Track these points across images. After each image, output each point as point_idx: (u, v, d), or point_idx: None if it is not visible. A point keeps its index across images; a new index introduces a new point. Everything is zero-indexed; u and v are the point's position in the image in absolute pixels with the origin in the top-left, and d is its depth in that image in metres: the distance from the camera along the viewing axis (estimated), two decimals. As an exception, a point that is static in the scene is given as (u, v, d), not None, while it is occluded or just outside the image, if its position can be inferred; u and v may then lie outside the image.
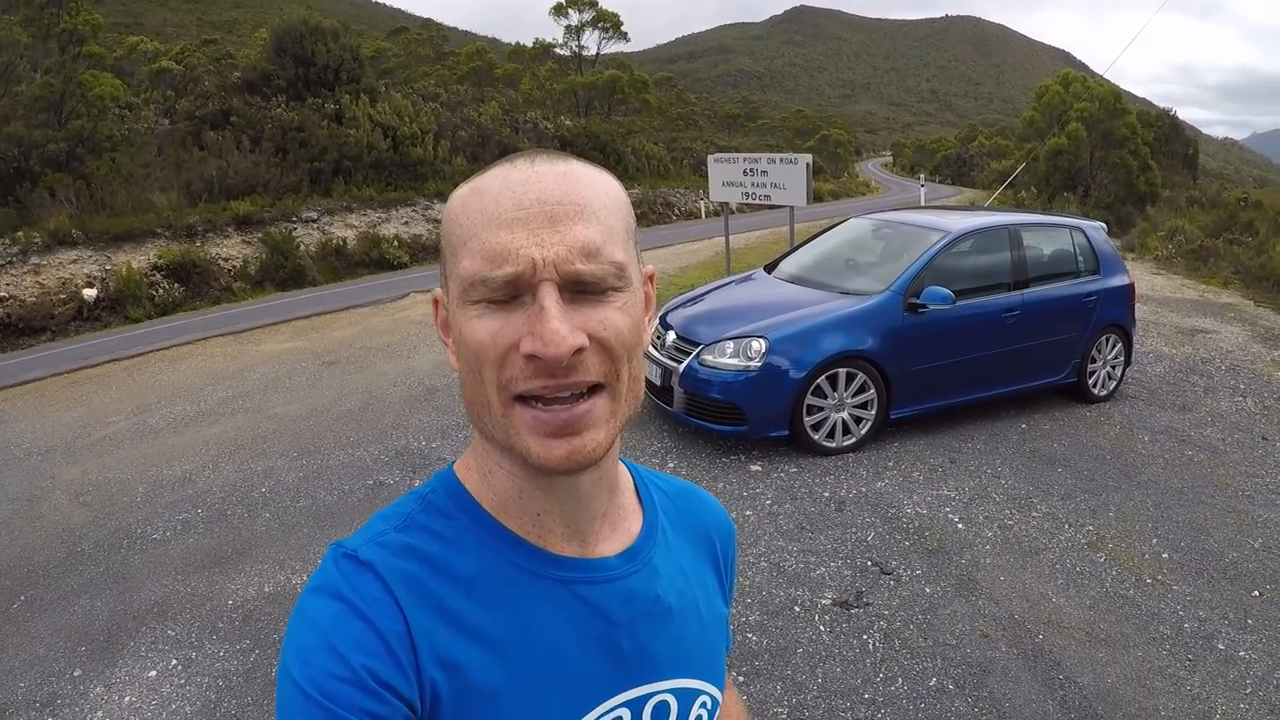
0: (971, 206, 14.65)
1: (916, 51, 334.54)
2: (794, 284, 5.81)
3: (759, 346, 4.87)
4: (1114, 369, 6.14)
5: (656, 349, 5.31)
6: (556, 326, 0.57)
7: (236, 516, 4.51)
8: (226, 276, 14.18)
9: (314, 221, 16.47)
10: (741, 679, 2.95)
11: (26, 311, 11.95)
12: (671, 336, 5.29)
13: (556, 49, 43.43)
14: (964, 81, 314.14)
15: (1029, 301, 5.60)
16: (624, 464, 0.79)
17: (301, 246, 15.27)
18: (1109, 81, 29.62)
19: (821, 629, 3.27)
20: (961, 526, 4.15)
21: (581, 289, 0.60)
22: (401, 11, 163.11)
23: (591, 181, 0.63)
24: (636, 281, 0.65)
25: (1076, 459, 5.03)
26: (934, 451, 5.13)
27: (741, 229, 18.07)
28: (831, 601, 3.46)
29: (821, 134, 63.50)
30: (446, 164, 20.02)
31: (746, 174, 8.81)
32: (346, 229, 16.81)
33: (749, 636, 3.21)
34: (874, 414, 5.09)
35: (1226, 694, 2.89)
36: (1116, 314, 6.05)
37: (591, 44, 42.31)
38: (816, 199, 22.77)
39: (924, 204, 19.04)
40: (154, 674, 3.14)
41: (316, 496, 4.71)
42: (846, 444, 5.07)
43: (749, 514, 4.26)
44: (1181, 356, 7.44)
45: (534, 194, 0.60)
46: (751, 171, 8.76)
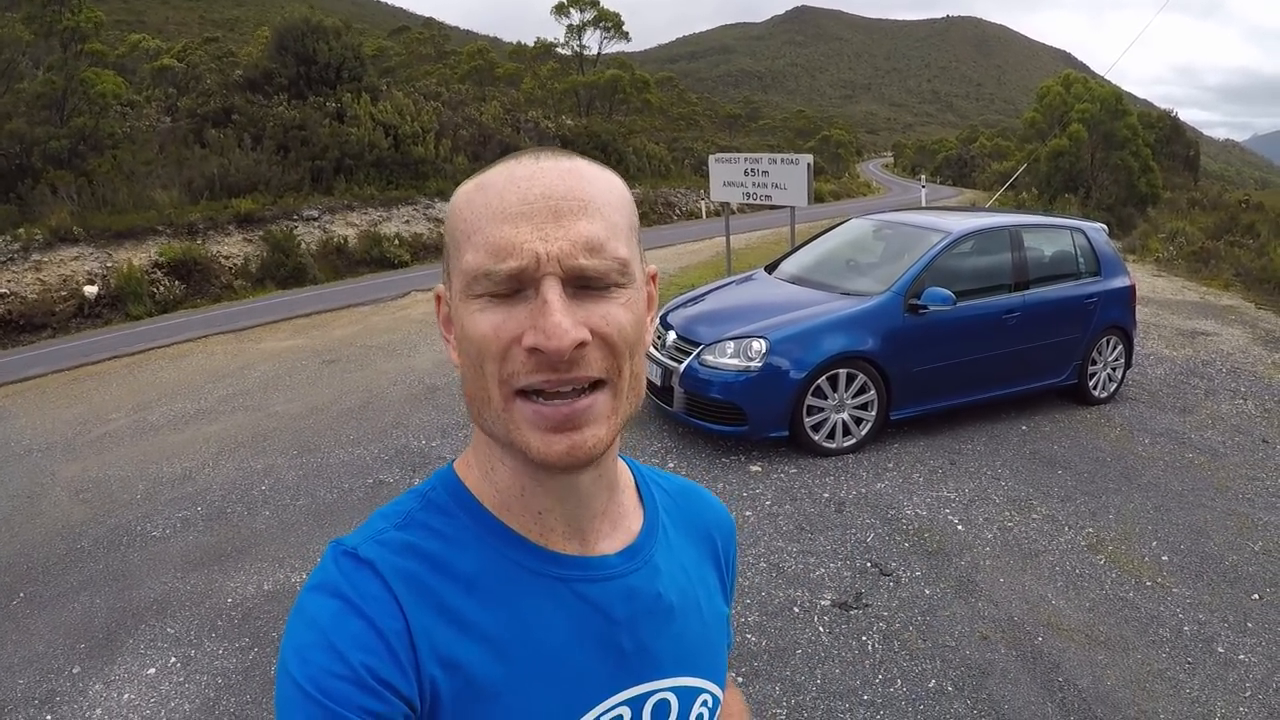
0: (972, 207, 14.64)
1: (918, 52, 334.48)
2: (795, 284, 5.81)
3: (759, 347, 4.87)
4: (1114, 371, 6.14)
5: (657, 349, 5.30)
6: (559, 320, 0.57)
7: (236, 514, 4.51)
8: (227, 274, 14.19)
9: (315, 220, 16.48)
10: (740, 680, 2.95)
11: (28, 308, 11.96)
12: (672, 336, 5.29)
13: (558, 48, 43.44)
14: (965, 82, 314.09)
15: (1030, 303, 5.60)
16: (625, 461, 0.79)
17: (302, 245, 15.29)
18: (1110, 82, 29.64)
19: (821, 630, 3.27)
20: (961, 528, 4.15)
21: (585, 284, 0.60)
22: (403, 10, 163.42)
23: (596, 178, 0.63)
24: (640, 279, 0.65)
25: (1077, 461, 5.03)
26: (934, 453, 5.12)
27: (742, 229, 18.07)
28: (831, 603, 3.46)
29: (822, 134, 63.49)
30: (448, 163, 20.03)
31: (747, 174, 8.81)
32: (347, 227, 16.81)
33: (748, 637, 3.20)
34: (874, 415, 5.09)
35: (1226, 697, 2.88)
36: (1117, 316, 6.05)
37: (593, 43, 42.34)
38: (817, 199, 22.76)
39: (925, 205, 19.04)
40: (153, 671, 3.14)
41: (316, 495, 4.71)
42: (846, 445, 5.06)
43: (749, 515, 4.26)
44: (1182, 359, 7.44)
45: (539, 189, 0.60)
46: (752, 172, 8.76)
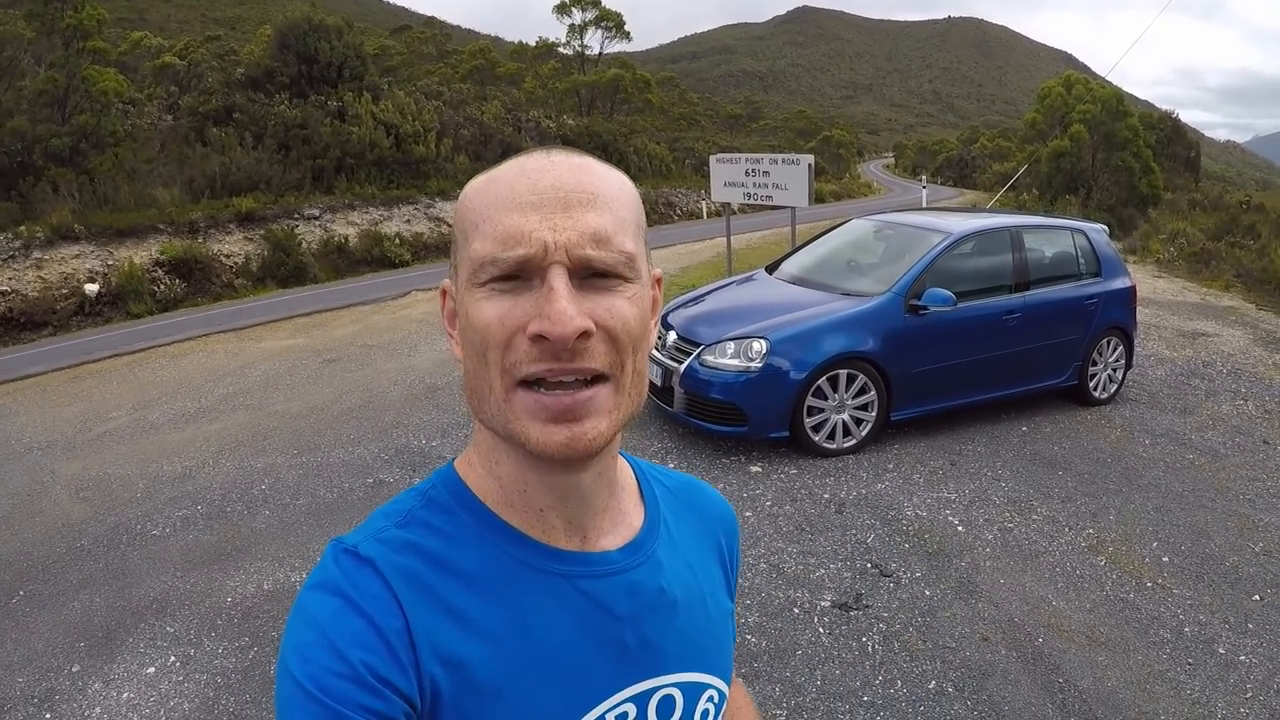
0: (973, 208, 14.64)
1: (919, 53, 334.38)
2: (795, 285, 5.80)
3: (760, 347, 4.87)
4: (1115, 372, 6.13)
5: (657, 349, 5.30)
6: (564, 306, 0.58)
7: (236, 513, 4.51)
8: (228, 273, 14.19)
9: (316, 219, 16.48)
10: (740, 680, 2.94)
11: (29, 306, 11.96)
12: (672, 337, 5.28)
13: (559, 48, 43.41)
14: (966, 83, 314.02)
15: (1030, 304, 5.60)
16: (625, 459, 0.79)
17: (303, 244, 15.29)
18: (1111, 83, 29.63)
19: (821, 631, 3.26)
20: (961, 529, 4.14)
21: (591, 276, 0.61)
22: (404, 9, 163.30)
23: (605, 174, 0.65)
24: (646, 276, 0.66)
25: (1077, 462, 5.02)
26: (934, 454, 5.12)
27: (743, 229, 18.07)
28: (831, 603, 3.46)
29: (823, 135, 63.43)
30: (449, 162, 20.03)
31: (748, 174, 8.81)
32: (348, 226, 16.82)
33: (748, 638, 3.20)
34: (874, 416, 5.09)
35: (1227, 698, 2.88)
36: (1118, 317, 6.05)
37: (594, 43, 42.30)
38: (818, 200, 22.77)
39: (926, 205, 19.03)
40: (152, 670, 3.14)
41: (316, 494, 4.71)
42: (847, 445, 5.06)
43: (749, 515, 4.26)
44: (1183, 360, 7.43)
45: (549, 180, 0.61)
46: (753, 172, 8.76)
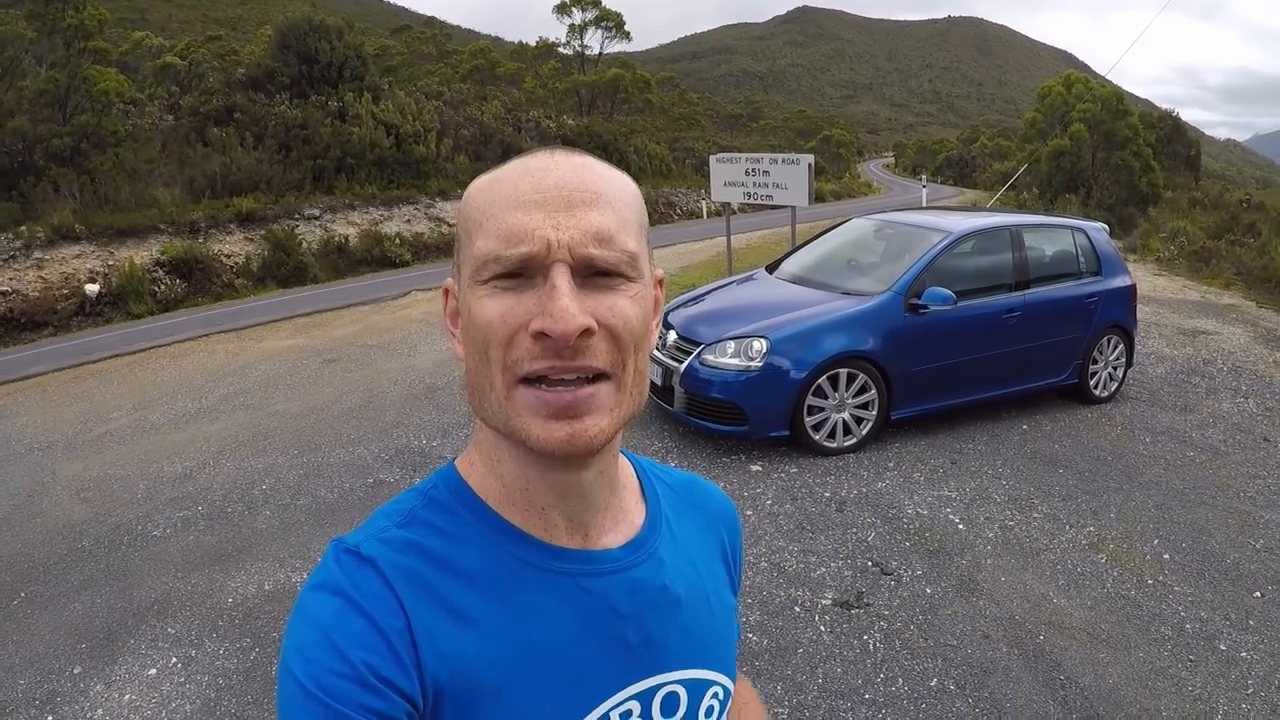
0: (973, 207, 14.63)
1: (919, 52, 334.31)
2: (795, 284, 5.80)
3: (760, 346, 4.87)
4: (1115, 370, 6.13)
5: (658, 349, 5.30)
6: (567, 304, 0.58)
7: (237, 514, 4.51)
8: (229, 273, 14.20)
9: (316, 219, 16.48)
10: (745, 676, 2.94)
11: (29, 306, 11.97)
12: (673, 336, 5.28)
13: (559, 48, 43.40)
14: (966, 82, 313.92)
15: (1030, 302, 5.59)
16: (627, 457, 0.79)
17: (304, 244, 15.29)
18: (1111, 83, 29.61)
19: (822, 629, 3.27)
20: (962, 527, 4.14)
21: (593, 275, 0.61)
22: (405, 9, 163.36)
23: (608, 174, 0.65)
24: (648, 276, 0.66)
25: (1078, 460, 5.02)
26: (935, 452, 5.12)
27: (743, 229, 18.07)
28: (832, 602, 3.46)
29: (823, 134, 63.42)
30: (449, 162, 20.04)
31: (748, 174, 8.81)
32: (348, 226, 16.82)
33: (749, 637, 3.20)
34: (875, 414, 5.09)
35: (1228, 695, 2.88)
36: (1118, 315, 6.05)
37: (594, 43, 42.29)
38: (818, 199, 22.75)
39: (926, 205, 19.02)
40: (154, 672, 3.14)
41: (317, 494, 4.71)
42: (847, 444, 5.06)
43: (749, 514, 4.26)
44: (1183, 358, 7.43)
45: (552, 179, 0.62)
46: (753, 172, 8.75)
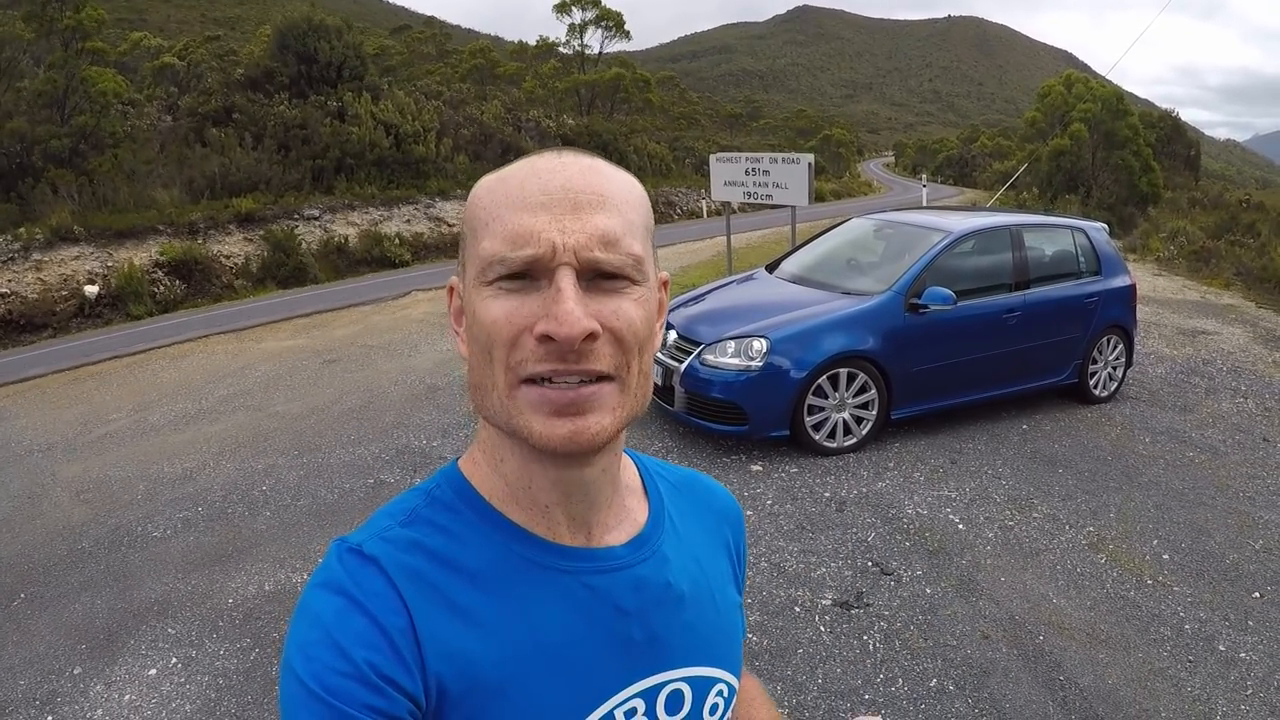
0: (973, 207, 14.63)
1: (919, 52, 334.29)
2: (795, 284, 5.81)
3: (760, 346, 4.87)
4: (1115, 370, 6.14)
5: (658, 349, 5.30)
6: (572, 308, 0.58)
7: (237, 515, 4.51)
8: (228, 274, 14.19)
9: (316, 219, 16.48)
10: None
11: (28, 308, 11.96)
12: (673, 336, 5.28)
13: (559, 48, 43.39)
14: (966, 82, 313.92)
15: (1030, 302, 5.60)
16: (629, 455, 0.79)
17: (303, 244, 15.28)
18: (1111, 82, 29.64)
19: (822, 629, 3.27)
20: (962, 527, 4.15)
21: (598, 278, 0.61)
22: (404, 9, 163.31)
23: (616, 177, 0.65)
24: (653, 279, 0.66)
25: (1077, 460, 5.03)
26: (935, 452, 5.12)
27: (743, 228, 18.06)
28: (832, 602, 3.46)
29: (824, 134, 63.41)
30: (449, 162, 20.03)
31: (748, 173, 8.81)
32: (348, 227, 16.81)
33: (749, 636, 3.20)
34: (875, 414, 5.09)
35: (1227, 695, 2.88)
36: (1118, 315, 6.05)
37: (594, 42, 42.27)
38: (818, 199, 22.75)
39: (926, 204, 19.03)
40: (154, 672, 3.14)
41: (317, 495, 4.71)
42: (847, 444, 5.06)
43: (750, 514, 4.26)
44: (1183, 358, 7.44)
45: (559, 181, 0.62)
46: (753, 171, 8.75)
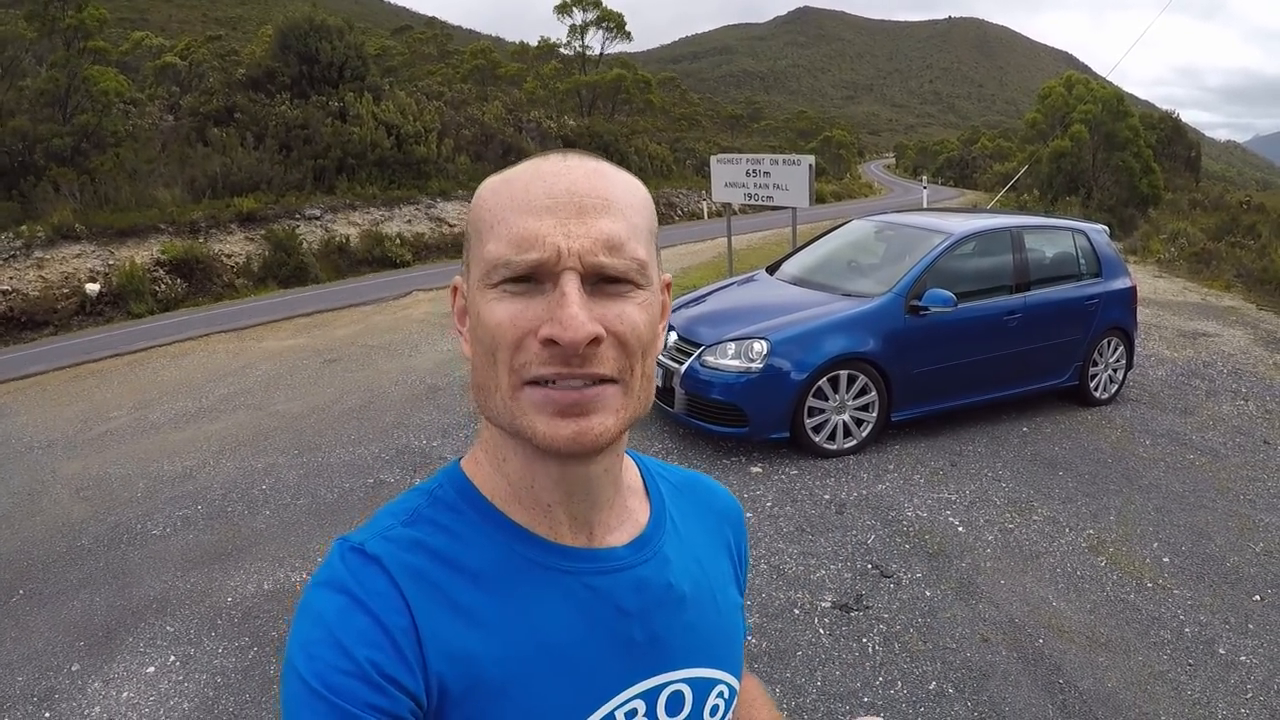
0: (974, 209, 14.64)
1: (919, 53, 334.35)
2: (796, 285, 5.80)
3: (760, 348, 4.87)
4: (1115, 372, 6.13)
5: (659, 350, 5.30)
6: (576, 312, 0.58)
7: (236, 513, 4.51)
8: (229, 273, 14.19)
9: (317, 219, 16.48)
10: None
11: (29, 305, 11.96)
12: (673, 337, 5.28)
13: (560, 49, 43.41)
14: (967, 83, 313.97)
15: (1031, 304, 5.59)
16: (631, 456, 0.79)
17: (304, 244, 15.28)
18: (1112, 84, 29.64)
19: (821, 632, 3.26)
20: (962, 530, 4.14)
21: (602, 282, 0.61)
22: (405, 10, 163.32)
23: (620, 180, 0.65)
24: (656, 282, 0.66)
25: (1077, 462, 5.02)
26: (935, 454, 5.12)
27: (744, 230, 18.06)
28: (831, 604, 3.46)
29: (824, 135, 63.39)
30: (450, 163, 20.04)
31: (749, 175, 8.81)
32: (349, 227, 16.81)
33: (749, 639, 3.20)
34: (875, 416, 5.08)
35: (1227, 699, 2.88)
36: (1118, 317, 6.05)
37: (595, 43, 42.28)
38: (819, 200, 22.77)
39: (926, 206, 19.02)
40: (152, 670, 3.14)
41: (317, 494, 4.71)
42: (847, 446, 5.06)
43: (749, 516, 4.26)
44: (1183, 360, 7.43)
45: (564, 185, 0.61)
46: (754, 172, 8.75)
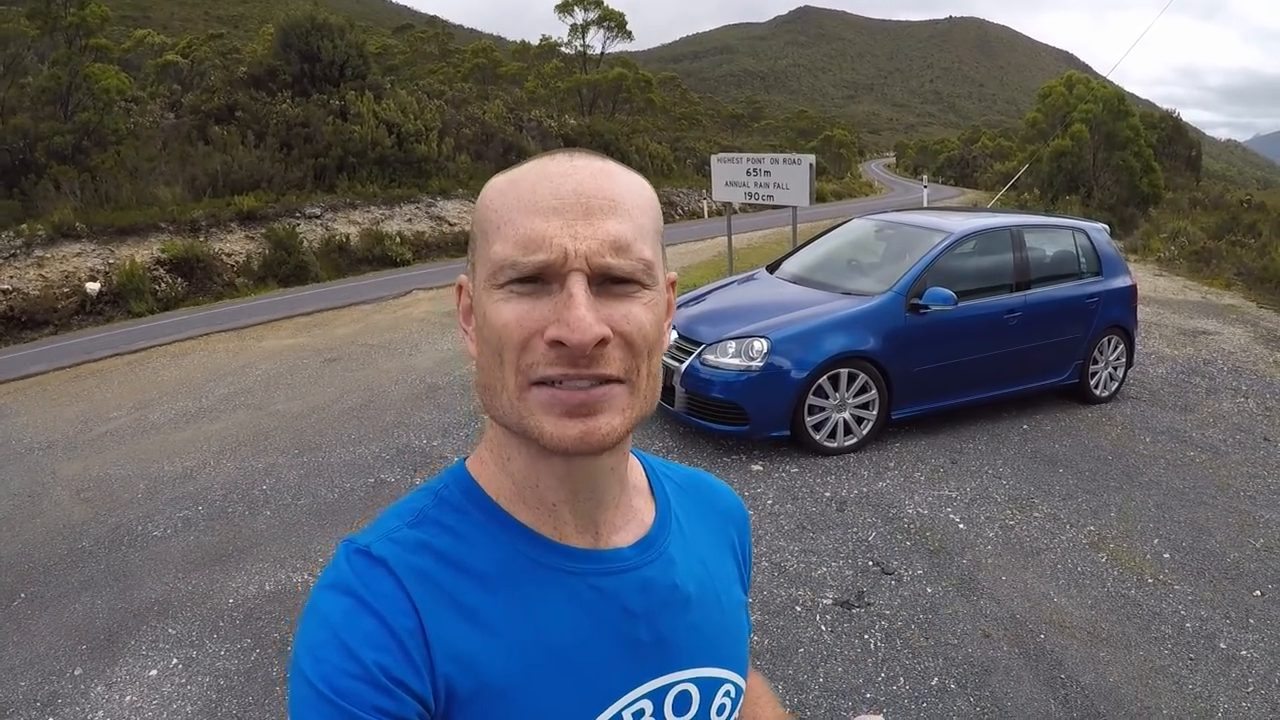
0: (974, 208, 14.63)
1: (920, 53, 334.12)
2: (796, 284, 5.80)
3: (761, 346, 4.87)
4: (1116, 370, 6.13)
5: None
6: (584, 314, 0.58)
7: (237, 514, 4.51)
8: (229, 272, 14.20)
9: (317, 218, 16.48)
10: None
11: (29, 305, 11.97)
12: (673, 336, 5.28)
13: (561, 48, 43.39)
14: (967, 83, 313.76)
15: (1031, 303, 5.59)
16: (636, 455, 0.79)
17: (305, 243, 15.29)
18: (1112, 83, 29.63)
19: (823, 629, 3.27)
20: (963, 527, 4.14)
21: (609, 282, 0.61)
22: (407, 9, 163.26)
23: (626, 180, 0.65)
24: (662, 282, 0.66)
25: (1078, 460, 5.02)
26: (935, 452, 5.12)
27: (744, 229, 18.05)
28: (833, 601, 3.46)
29: (825, 134, 63.38)
30: (450, 161, 20.05)
31: (750, 174, 8.81)
32: (350, 225, 16.82)
33: (750, 636, 3.20)
34: (875, 414, 5.09)
35: (1228, 693, 2.88)
36: (1118, 315, 6.05)
37: (596, 43, 42.27)
38: (819, 199, 22.77)
39: (926, 205, 19.02)
40: (155, 673, 3.14)
41: (318, 494, 4.71)
42: (848, 444, 5.06)
43: (750, 514, 4.25)
44: (1183, 358, 7.43)
45: (570, 185, 0.61)
46: (755, 172, 8.75)
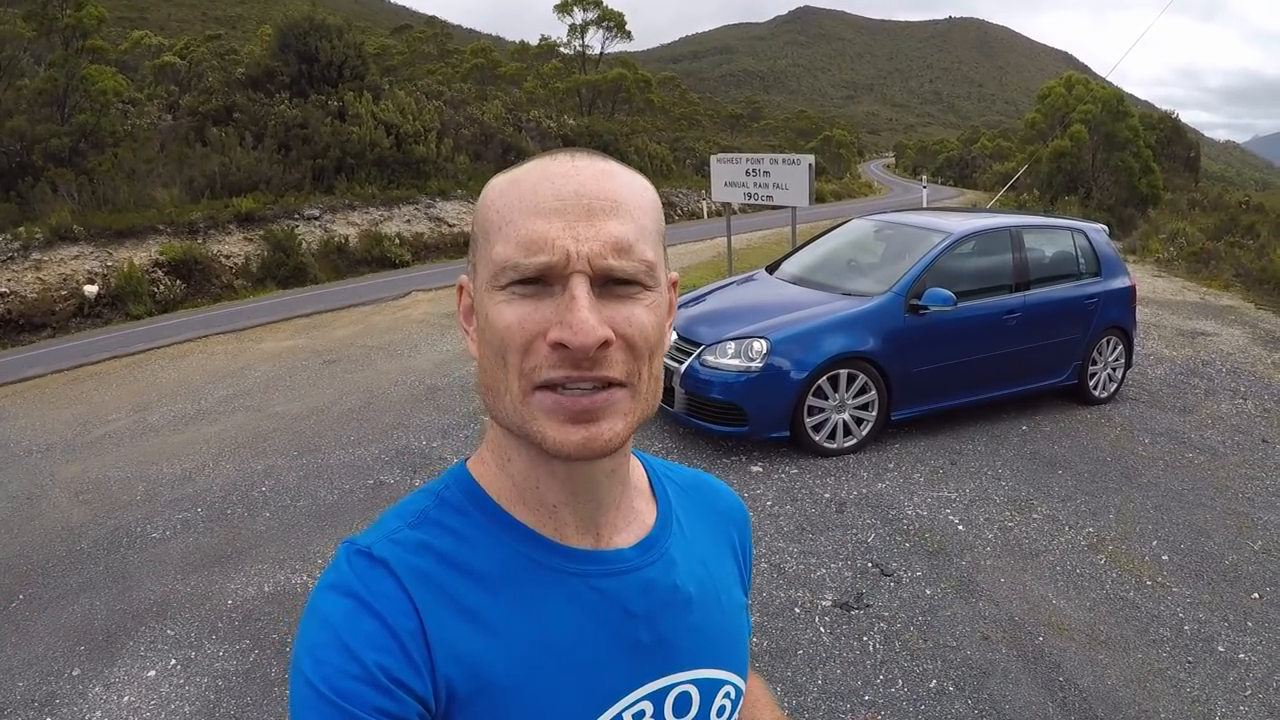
0: (973, 208, 14.64)
1: (919, 53, 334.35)
2: (796, 285, 5.80)
3: (760, 347, 4.87)
4: (1115, 371, 6.14)
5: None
6: (586, 316, 0.58)
7: (236, 515, 4.51)
8: (228, 274, 14.19)
9: (316, 219, 16.48)
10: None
11: (27, 307, 11.96)
12: (673, 336, 5.27)
13: (560, 48, 43.40)
14: (967, 83, 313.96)
15: (1030, 303, 5.60)
16: (637, 456, 0.79)
17: (303, 244, 15.28)
18: (1112, 84, 29.67)
19: (822, 630, 3.27)
20: (962, 528, 4.15)
21: (611, 284, 0.61)
22: (405, 9, 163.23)
23: (628, 181, 0.64)
24: (664, 283, 0.66)
25: (1077, 461, 5.03)
26: (935, 453, 5.12)
27: (743, 229, 18.06)
28: (832, 603, 3.46)
29: (824, 135, 63.38)
30: (449, 162, 20.04)
31: (749, 174, 8.81)
32: (348, 227, 16.81)
33: (750, 638, 3.20)
34: (875, 415, 5.09)
35: (1226, 696, 2.88)
36: (1117, 316, 6.05)
37: (595, 43, 42.27)
38: (818, 200, 22.76)
39: (926, 205, 19.03)
40: (153, 674, 3.14)
41: (317, 496, 4.71)
42: (847, 445, 5.06)
43: (750, 515, 4.25)
44: (1182, 359, 7.44)
45: (572, 187, 0.61)
46: (754, 172, 8.75)
